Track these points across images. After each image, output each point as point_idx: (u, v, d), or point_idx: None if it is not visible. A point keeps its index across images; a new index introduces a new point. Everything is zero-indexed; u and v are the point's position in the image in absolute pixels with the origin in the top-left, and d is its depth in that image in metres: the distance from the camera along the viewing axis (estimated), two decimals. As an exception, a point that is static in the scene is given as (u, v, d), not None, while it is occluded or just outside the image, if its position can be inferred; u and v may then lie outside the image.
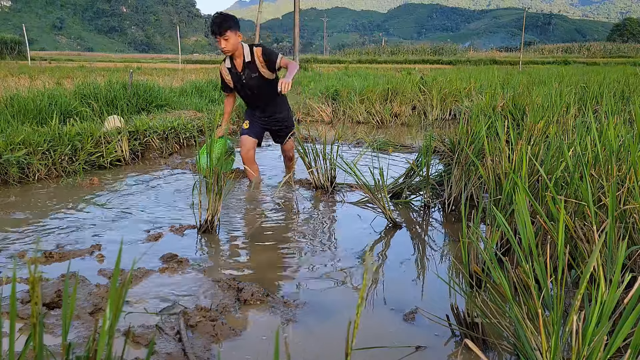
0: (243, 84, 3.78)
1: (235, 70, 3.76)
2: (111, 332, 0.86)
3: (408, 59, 47.00)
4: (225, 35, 3.50)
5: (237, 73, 3.75)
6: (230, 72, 3.80)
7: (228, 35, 3.51)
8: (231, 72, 3.80)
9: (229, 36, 3.52)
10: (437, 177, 3.70)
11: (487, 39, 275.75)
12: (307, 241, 2.82)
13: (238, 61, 3.72)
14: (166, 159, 5.06)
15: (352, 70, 20.00)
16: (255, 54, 3.66)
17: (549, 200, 1.96)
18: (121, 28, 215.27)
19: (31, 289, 0.82)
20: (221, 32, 3.48)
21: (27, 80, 10.70)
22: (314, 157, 3.84)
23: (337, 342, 1.78)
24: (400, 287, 2.25)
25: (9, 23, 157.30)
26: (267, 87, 3.79)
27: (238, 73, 3.75)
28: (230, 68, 3.78)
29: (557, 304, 1.34)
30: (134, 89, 7.14)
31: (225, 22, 3.49)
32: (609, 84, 8.34)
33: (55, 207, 3.34)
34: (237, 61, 3.73)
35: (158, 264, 2.44)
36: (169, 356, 1.65)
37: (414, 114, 8.86)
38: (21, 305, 1.96)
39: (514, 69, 23.24)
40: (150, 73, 15.37)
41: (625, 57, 49.97)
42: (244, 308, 2.02)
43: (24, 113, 5.44)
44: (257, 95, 3.85)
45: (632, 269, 1.88)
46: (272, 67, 3.69)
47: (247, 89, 3.80)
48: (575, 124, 3.85)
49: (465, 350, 1.70)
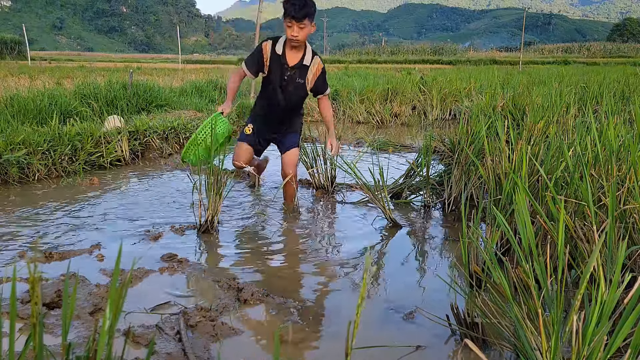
0: (283, 82, 3.12)
1: (284, 60, 3.07)
2: (111, 332, 0.86)
3: (408, 59, 46.99)
4: (303, 22, 2.87)
5: (285, 65, 3.08)
6: (276, 58, 3.08)
7: (305, 24, 2.89)
8: (277, 58, 3.08)
9: (305, 24, 2.89)
10: (437, 177, 3.70)
11: (487, 39, 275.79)
12: (307, 241, 2.82)
13: (294, 55, 3.08)
14: (166, 159, 5.06)
15: (352, 70, 20.00)
16: (315, 63, 3.13)
17: (549, 200, 1.96)
18: (121, 28, 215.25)
19: (31, 289, 0.82)
20: (300, 17, 2.84)
21: (27, 80, 10.70)
22: (314, 157, 3.84)
23: (337, 341, 1.78)
24: (400, 287, 2.25)
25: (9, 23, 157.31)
26: (300, 100, 3.28)
27: (286, 66, 3.08)
28: (279, 55, 3.06)
29: (557, 304, 1.34)
30: (134, 89, 7.14)
31: (307, 5, 2.85)
32: (609, 84, 8.34)
33: (55, 207, 3.34)
34: (293, 55, 3.08)
35: (158, 263, 2.44)
36: (169, 356, 1.65)
37: (414, 114, 8.86)
38: (21, 305, 1.95)
39: (514, 69, 23.24)
40: (150, 73, 15.37)
41: (625, 57, 49.96)
42: (244, 308, 2.02)
43: (24, 113, 5.43)
44: (287, 103, 3.21)
45: (632, 269, 1.88)
46: (317, 88, 3.23)
47: (283, 89, 3.15)
48: (575, 124, 3.85)
49: (465, 350, 1.70)
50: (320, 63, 3.16)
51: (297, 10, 2.81)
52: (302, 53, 3.09)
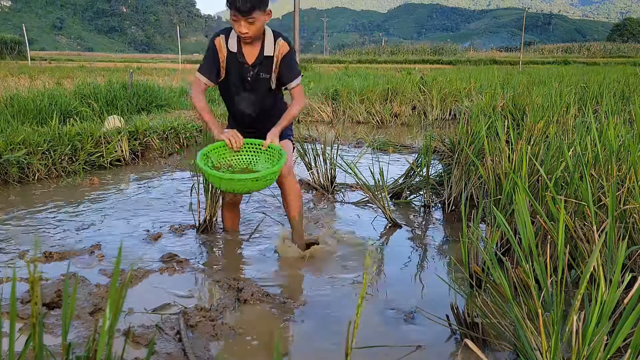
0: (246, 85, 2.48)
1: (242, 59, 2.42)
2: (111, 332, 0.86)
3: (408, 59, 47.01)
4: (251, 16, 2.22)
5: (244, 65, 2.43)
6: (232, 57, 2.44)
7: (254, 17, 2.23)
8: (233, 58, 2.44)
9: (255, 17, 2.24)
10: (437, 177, 3.70)
11: (487, 39, 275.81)
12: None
13: (251, 50, 2.42)
14: (166, 159, 5.06)
15: (352, 70, 20.01)
16: (278, 50, 2.43)
17: (549, 200, 1.96)
18: (121, 28, 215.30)
19: (31, 289, 0.82)
20: (247, 10, 2.20)
21: (27, 80, 10.70)
22: (314, 157, 3.84)
23: (337, 341, 1.78)
24: (400, 287, 2.25)
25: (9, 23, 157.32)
26: (270, 97, 2.58)
27: (245, 66, 2.43)
28: (234, 52, 2.42)
29: (557, 304, 1.34)
30: (134, 89, 7.14)
31: None
32: (609, 84, 8.34)
33: (55, 207, 3.34)
34: (250, 49, 2.42)
35: (158, 264, 2.44)
36: (169, 356, 1.65)
37: (414, 114, 8.86)
38: (21, 305, 1.96)
39: (514, 69, 23.25)
40: (150, 73, 15.37)
41: (625, 57, 49.98)
42: (244, 308, 2.02)
43: (24, 113, 5.44)
44: (255, 103, 2.56)
45: (632, 269, 1.88)
46: (282, 78, 2.50)
47: (248, 91, 2.51)
48: (575, 124, 3.85)
49: (465, 350, 1.70)
50: (285, 46, 2.43)
51: (244, 3, 2.17)
52: (261, 42, 2.41)
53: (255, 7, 2.20)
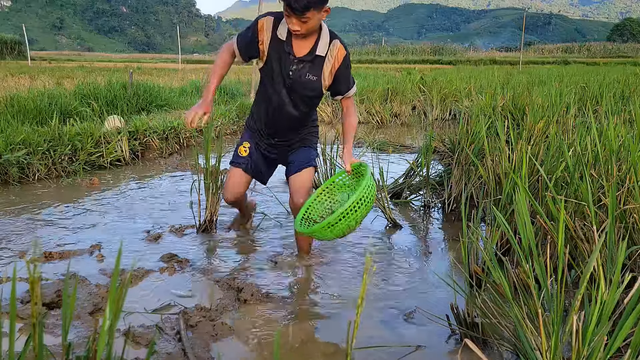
0: (287, 79, 2.21)
1: (289, 49, 2.17)
2: (111, 332, 0.86)
3: (408, 59, 46.98)
4: (305, 16, 1.99)
5: (290, 56, 2.18)
6: (277, 43, 2.18)
7: (309, 16, 2.00)
8: (278, 44, 2.18)
9: (309, 17, 2.01)
10: (437, 177, 3.70)
11: (487, 39, 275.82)
12: (310, 242, 2.82)
13: (302, 43, 2.17)
14: (166, 159, 5.06)
15: (352, 70, 19.96)
16: (334, 52, 2.20)
17: (549, 200, 1.96)
18: (121, 28, 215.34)
19: (31, 289, 0.82)
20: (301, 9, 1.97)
21: (27, 80, 10.70)
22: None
23: (337, 341, 1.78)
24: (400, 287, 2.25)
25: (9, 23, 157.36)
26: (313, 103, 2.38)
27: (291, 57, 2.18)
28: (282, 40, 2.17)
29: (557, 304, 1.34)
30: (134, 89, 7.14)
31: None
32: (609, 84, 8.34)
33: (55, 207, 3.34)
34: (302, 42, 2.17)
35: (158, 264, 2.44)
36: (169, 356, 1.65)
37: (414, 114, 8.86)
38: (21, 305, 1.96)
39: (513, 69, 23.24)
40: (150, 73, 15.37)
41: (625, 57, 49.95)
42: (244, 308, 2.02)
43: (24, 113, 5.43)
44: (294, 108, 2.31)
45: (632, 269, 1.88)
46: (337, 87, 2.29)
47: (288, 89, 2.25)
48: (575, 124, 3.85)
49: (465, 350, 1.70)
50: (342, 49, 2.21)
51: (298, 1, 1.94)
52: (315, 39, 2.17)
53: (311, 6, 1.96)
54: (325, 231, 1.97)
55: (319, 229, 1.96)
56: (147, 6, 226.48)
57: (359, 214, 1.97)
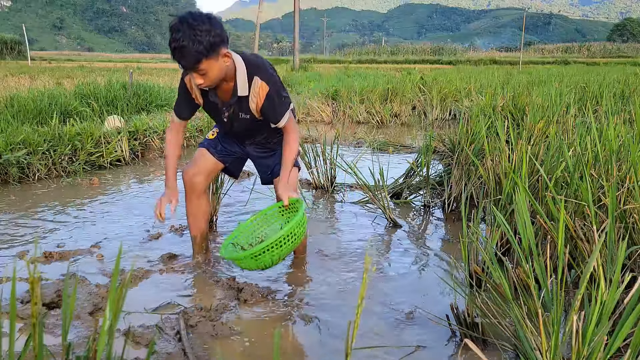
0: (226, 119, 2.22)
1: (214, 98, 2.15)
2: (111, 332, 0.87)
3: (408, 59, 47.02)
4: (200, 69, 1.89)
5: (218, 105, 2.17)
6: (205, 96, 2.18)
7: (204, 68, 1.89)
8: (205, 96, 2.17)
9: (205, 68, 1.90)
10: (437, 177, 3.70)
11: (487, 39, 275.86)
12: (307, 241, 2.82)
13: (225, 88, 2.12)
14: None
15: (352, 70, 20.01)
16: (255, 90, 2.10)
17: (549, 200, 1.96)
18: (121, 28, 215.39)
19: (31, 289, 0.82)
20: (192, 66, 1.87)
21: (27, 80, 10.71)
22: (314, 157, 3.84)
23: (337, 341, 1.78)
24: (400, 286, 2.25)
25: (9, 23, 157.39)
26: (260, 126, 2.28)
27: (219, 105, 2.17)
28: (206, 91, 2.14)
29: (557, 304, 1.34)
30: (134, 89, 7.14)
31: (193, 51, 1.82)
32: (609, 84, 8.34)
33: (55, 207, 3.34)
34: (224, 88, 2.12)
35: (158, 264, 2.44)
36: (169, 356, 1.65)
37: (414, 114, 8.86)
38: (21, 305, 1.96)
39: (513, 69, 23.25)
40: (150, 73, 15.37)
41: (625, 57, 49.99)
42: (244, 308, 2.02)
43: (24, 113, 5.44)
44: (246, 131, 2.30)
45: (632, 269, 1.88)
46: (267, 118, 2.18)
47: (232, 125, 2.24)
48: (575, 124, 3.85)
49: (465, 350, 1.70)
50: (263, 86, 2.08)
51: (184, 61, 1.85)
52: (233, 82, 2.08)
53: (201, 58, 1.83)
54: (248, 261, 1.92)
55: (242, 257, 1.91)
56: (147, 6, 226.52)
57: (284, 250, 1.92)
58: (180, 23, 1.81)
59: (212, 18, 1.87)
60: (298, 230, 1.95)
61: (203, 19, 1.82)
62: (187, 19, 1.81)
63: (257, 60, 2.13)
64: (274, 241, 1.88)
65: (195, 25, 1.79)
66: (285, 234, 1.89)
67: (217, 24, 1.86)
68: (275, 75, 2.15)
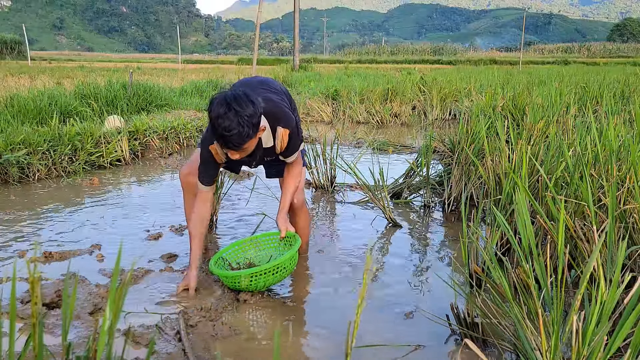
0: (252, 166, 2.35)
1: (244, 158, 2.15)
2: (111, 332, 0.87)
3: (408, 59, 47.03)
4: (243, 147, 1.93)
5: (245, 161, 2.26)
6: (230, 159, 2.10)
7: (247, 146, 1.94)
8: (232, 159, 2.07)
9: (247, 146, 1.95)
10: (437, 177, 3.70)
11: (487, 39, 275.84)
12: (307, 241, 2.82)
13: None
14: (166, 159, 5.06)
15: (352, 70, 20.00)
16: (279, 137, 2.16)
17: (549, 200, 1.96)
18: (121, 28, 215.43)
19: (31, 289, 0.82)
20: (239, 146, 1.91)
21: (27, 80, 10.70)
22: (314, 157, 3.84)
23: (337, 341, 1.78)
24: (400, 286, 2.25)
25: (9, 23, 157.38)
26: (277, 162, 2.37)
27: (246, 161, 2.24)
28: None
29: (557, 304, 1.34)
30: (134, 89, 7.14)
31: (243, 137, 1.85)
32: (609, 84, 8.34)
33: (55, 207, 3.34)
34: None
35: (158, 263, 2.44)
36: (169, 356, 1.65)
37: (414, 114, 8.86)
38: (21, 305, 1.96)
39: (513, 69, 23.24)
40: (150, 73, 15.37)
41: (625, 57, 50.00)
42: (244, 308, 2.02)
43: (24, 113, 5.44)
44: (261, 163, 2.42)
45: (632, 269, 1.88)
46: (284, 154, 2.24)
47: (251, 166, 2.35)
48: (575, 124, 3.85)
49: (465, 350, 1.70)
50: (285, 132, 2.15)
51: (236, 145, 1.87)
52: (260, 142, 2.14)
53: (248, 140, 1.88)
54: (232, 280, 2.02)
55: (230, 276, 2.01)
56: (147, 6, 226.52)
57: (269, 279, 2.01)
58: (227, 111, 1.80)
59: (250, 96, 1.88)
60: (288, 265, 2.05)
61: (246, 103, 1.84)
62: (232, 106, 1.81)
63: (275, 108, 2.14)
64: (263, 270, 1.97)
65: (241, 112, 1.81)
66: (276, 264, 1.98)
67: (256, 103, 1.88)
68: (290, 115, 2.19)
